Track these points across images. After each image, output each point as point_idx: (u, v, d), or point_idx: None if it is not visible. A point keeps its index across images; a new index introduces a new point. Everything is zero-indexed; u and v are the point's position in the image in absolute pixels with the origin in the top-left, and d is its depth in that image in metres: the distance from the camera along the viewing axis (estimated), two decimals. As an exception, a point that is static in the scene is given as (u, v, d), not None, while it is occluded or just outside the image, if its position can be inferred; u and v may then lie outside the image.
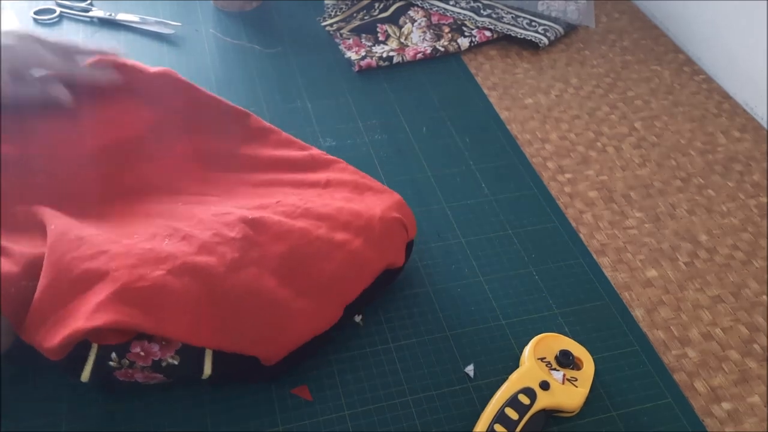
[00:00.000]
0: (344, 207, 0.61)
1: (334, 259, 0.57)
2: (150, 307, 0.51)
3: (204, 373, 0.53)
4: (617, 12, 1.05)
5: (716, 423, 0.57)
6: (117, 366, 0.51)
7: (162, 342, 0.51)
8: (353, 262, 0.58)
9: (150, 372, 0.52)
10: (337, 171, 0.67)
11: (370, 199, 0.63)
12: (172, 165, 0.67)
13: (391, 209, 0.62)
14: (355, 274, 0.58)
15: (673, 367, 0.60)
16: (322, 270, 0.57)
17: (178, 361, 0.52)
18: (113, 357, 0.51)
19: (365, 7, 0.98)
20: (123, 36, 0.91)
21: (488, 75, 0.91)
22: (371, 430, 0.54)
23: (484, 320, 0.62)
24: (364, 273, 0.58)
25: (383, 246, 0.60)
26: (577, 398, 0.55)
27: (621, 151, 0.81)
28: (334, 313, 0.56)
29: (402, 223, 0.61)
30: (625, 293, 0.66)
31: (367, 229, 0.59)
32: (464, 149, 0.79)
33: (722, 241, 0.72)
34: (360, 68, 0.89)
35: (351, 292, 0.58)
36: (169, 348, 0.52)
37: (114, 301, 0.50)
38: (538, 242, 0.69)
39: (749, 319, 0.65)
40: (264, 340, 0.53)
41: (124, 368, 0.51)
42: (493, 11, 0.98)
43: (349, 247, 0.58)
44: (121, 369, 0.51)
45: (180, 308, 0.51)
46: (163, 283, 0.51)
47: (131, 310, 0.50)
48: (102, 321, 0.49)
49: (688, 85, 0.92)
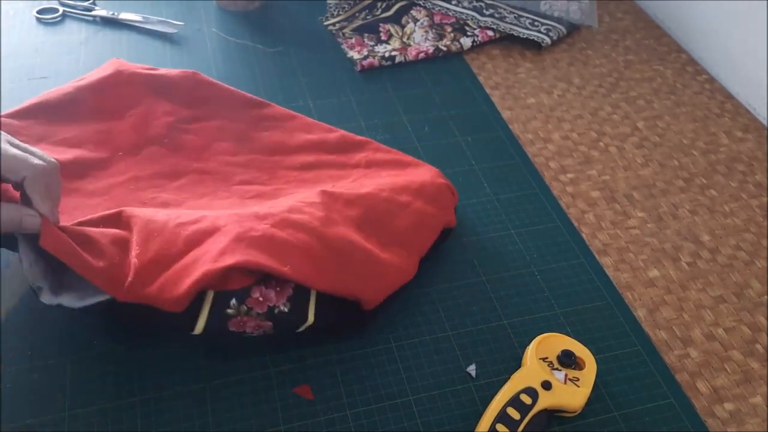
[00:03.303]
0: (395, 179, 0.66)
1: (404, 217, 0.62)
2: (269, 249, 0.53)
3: (307, 320, 0.54)
4: (620, 12, 1.05)
5: (718, 423, 0.57)
6: (234, 313, 0.52)
7: (277, 288, 0.53)
8: (420, 219, 0.63)
9: (262, 320, 0.53)
10: (373, 150, 0.72)
11: (413, 171, 0.68)
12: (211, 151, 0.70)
13: (437, 176, 0.68)
14: (424, 230, 0.63)
15: (675, 368, 0.60)
16: (396, 227, 0.61)
17: (288, 309, 0.53)
18: (232, 304, 0.52)
19: (367, 7, 0.98)
20: (126, 35, 0.91)
21: (491, 75, 0.91)
22: (372, 429, 0.54)
23: (485, 320, 0.62)
24: (429, 229, 0.64)
25: (440, 206, 0.65)
26: (579, 398, 0.55)
27: (623, 151, 0.81)
28: (414, 264, 0.61)
29: (449, 187, 0.68)
30: (628, 293, 0.66)
31: (423, 193, 0.65)
32: (466, 149, 0.79)
33: (725, 242, 0.72)
34: (362, 68, 0.89)
35: (423, 246, 0.63)
36: (283, 294, 0.53)
37: (238, 245, 0.52)
38: (540, 242, 0.69)
39: (752, 319, 0.65)
40: (366, 284, 0.56)
41: (240, 316, 0.52)
42: (495, 11, 0.98)
43: (413, 206, 0.63)
44: (236, 317, 0.52)
45: (294, 252, 0.54)
46: (272, 233, 0.54)
47: (255, 252, 0.52)
48: (233, 260, 0.51)
49: (691, 85, 0.92)
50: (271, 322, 0.53)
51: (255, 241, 0.53)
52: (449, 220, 0.66)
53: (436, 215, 0.64)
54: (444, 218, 0.65)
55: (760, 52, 0.86)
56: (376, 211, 0.62)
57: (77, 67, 0.85)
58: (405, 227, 0.62)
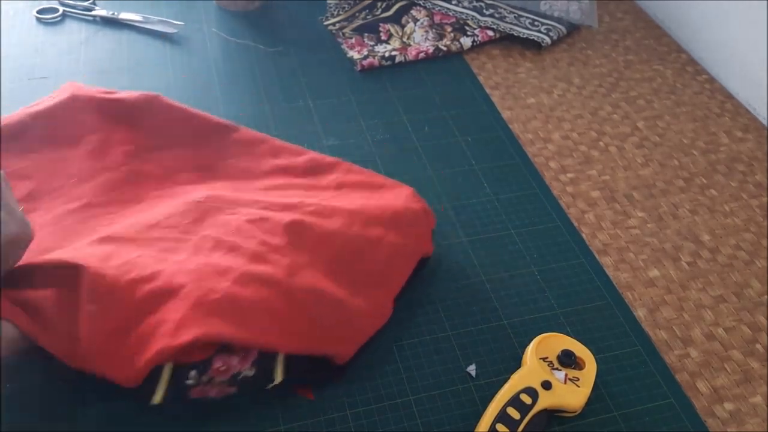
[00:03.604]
0: (366, 204, 0.62)
1: (377, 254, 0.59)
2: (231, 316, 0.50)
3: (275, 380, 0.52)
4: (620, 12, 1.05)
5: (718, 423, 0.57)
6: (194, 384, 0.50)
7: (241, 354, 0.50)
8: (394, 254, 0.60)
9: (226, 386, 0.51)
10: (344, 172, 0.68)
11: (386, 194, 0.65)
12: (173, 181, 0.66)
13: (411, 199, 0.64)
14: (397, 267, 0.60)
15: (676, 367, 0.60)
16: (369, 266, 0.58)
17: (254, 373, 0.51)
18: (192, 375, 0.49)
19: (367, 7, 0.98)
20: (126, 35, 0.91)
21: (491, 74, 0.91)
22: (372, 429, 0.54)
23: (485, 320, 0.62)
24: (403, 264, 0.61)
25: (415, 235, 0.62)
26: (579, 398, 0.55)
27: (623, 151, 0.81)
28: (387, 307, 0.59)
29: (425, 211, 0.64)
30: (628, 293, 0.66)
31: (396, 222, 0.61)
32: (466, 149, 0.79)
33: (725, 241, 0.72)
34: (362, 68, 0.89)
35: (396, 284, 0.60)
36: (247, 359, 0.51)
37: (196, 315, 0.49)
38: (540, 242, 0.69)
39: (752, 319, 0.65)
40: (337, 339, 0.54)
41: (201, 385, 0.50)
42: (495, 11, 0.98)
43: (386, 240, 0.59)
44: (197, 386, 0.50)
45: (257, 315, 0.51)
46: (234, 293, 0.51)
47: (216, 321, 0.49)
48: (190, 336, 0.47)
49: (691, 85, 0.92)
50: (236, 387, 0.51)
51: (215, 306, 0.50)
52: (426, 249, 0.62)
53: (411, 247, 0.61)
54: (420, 248, 0.62)
55: (760, 52, 0.86)
56: (346, 253, 0.58)
57: (77, 67, 0.85)
58: (378, 266, 0.59)
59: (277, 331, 0.51)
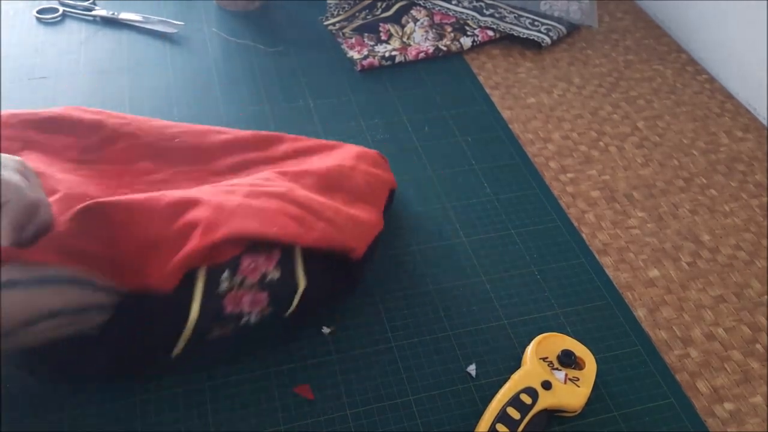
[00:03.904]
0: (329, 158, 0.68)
1: (356, 177, 0.65)
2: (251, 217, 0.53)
3: (299, 287, 0.55)
4: (620, 12, 1.05)
5: (718, 423, 0.57)
6: (227, 287, 0.51)
7: (265, 253, 0.53)
8: (371, 178, 0.66)
9: (257, 291, 0.53)
10: (292, 140, 0.71)
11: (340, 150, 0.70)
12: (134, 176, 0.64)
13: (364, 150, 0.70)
14: (376, 187, 0.66)
15: (676, 367, 0.60)
16: (353, 186, 0.64)
17: (279, 275, 0.54)
18: (225, 277, 0.51)
19: (367, 7, 0.98)
20: (126, 35, 0.91)
21: (491, 74, 0.91)
22: (373, 429, 0.54)
23: (485, 320, 0.62)
24: (380, 187, 0.67)
25: (381, 168, 0.69)
26: (579, 398, 0.55)
27: (623, 151, 0.81)
28: (379, 217, 0.64)
29: (379, 155, 0.71)
30: (628, 293, 0.66)
31: (362, 159, 0.68)
32: (466, 149, 0.79)
33: (725, 241, 0.72)
34: (362, 68, 0.89)
35: (380, 202, 0.65)
36: (272, 259, 0.53)
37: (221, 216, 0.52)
38: (540, 242, 0.69)
39: (752, 319, 0.65)
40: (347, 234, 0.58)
41: (234, 290, 0.52)
42: (495, 11, 0.98)
43: (360, 168, 0.66)
44: (231, 291, 0.52)
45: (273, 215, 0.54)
46: (247, 203, 0.55)
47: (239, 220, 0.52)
48: (219, 234, 0.50)
49: (691, 85, 0.92)
50: (266, 292, 0.53)
51: (233, 211, 0.53)
52: (391, 182, 0.69)
53: (381, 175, 0.67)
54: (388, 178, 0.68)
55: (760, 52, 0.86)
56: (330, 177, 0.63)
57: (77, 67, 0.85)
58: (360, 185, 0.64)
59: (293, 226, 0.55)
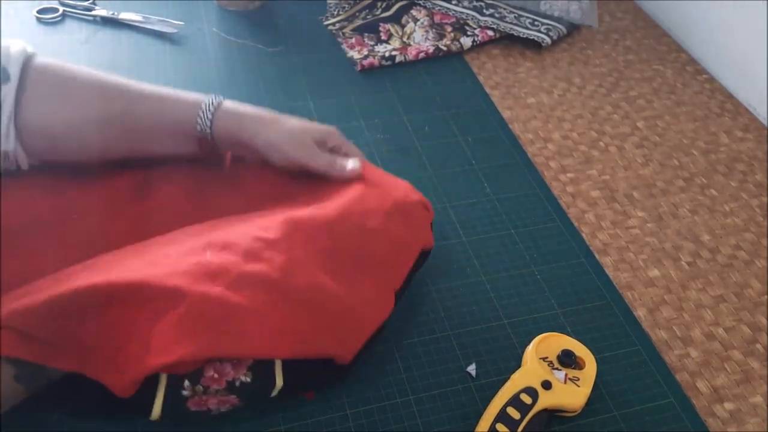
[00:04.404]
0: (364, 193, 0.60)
1: (376, 245, 0.57)
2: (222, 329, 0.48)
3: (276, 387, 0.50)
4: (620, 12, 1.05)
5: (718, 423, 0.57)
6: (190, 395, 0.48)
7: (234, 361, 0.49)
8: (393, 247, 0.58)
9: (224, 395, 0.49)
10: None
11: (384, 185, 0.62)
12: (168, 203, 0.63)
13: (409, 191, 0.62)
14: (397, 259, 0.58)
15: (676, 367, 0.60)
16: (369, 257, 0.56)
17: (251, 378, 0.49)
18: (186, 385, 0.48)
19: (368, 7, 0.98)
20: (126, 35, 0.91)
21: (491, 74, 0.91)
22: (373, 429, 0.54)
23: (486, 320, 0.62)
24: (404, 256, 0.58)
25: (414, 227, 0.60)
26: (579, 398, 0.55)
27: (623, 151, 0.81)
28: (389, 298, 0.56)
29: (423, 204, 0.62)
30: (628, 293, 0.66)
31: (394, 212, 0.59)
32: (466, 148, 0.79)
33: (725, 241, 0.72)
34: (362, 67, 0.89)
35: (398, 277, 0.57)
36: (241, 365, 0.49)
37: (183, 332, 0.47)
38: (540, 242, 0.69)
39: (752, 319, 0.65)
40: (338, 339, 0.52)
41: (197, 396, 0.48)
42: (495, 11, 0.98)
43: (384, 232, 0.57)
44: (194, 397, 0.48)
45: (251, 323, 0.49)
46: (226, 300, 0.48)
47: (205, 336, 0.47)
48: (176, 356, 0.46)
49: (691, 85, 0.92)
50: (234, 395, 0.49)
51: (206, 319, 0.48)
52: (426, 242, 0.61)
53: (410, 239, 0.59)
54: (420, 241, 0.60)
55: (760, 52, 0.86)
56: (345, 243, 0.56)
57: (77, 67, 0.85)
58: (377, 257, 0.56)
59: (271, 339, 0.49)
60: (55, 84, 0.56)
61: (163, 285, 0.49)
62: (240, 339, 0.48)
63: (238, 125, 0.60)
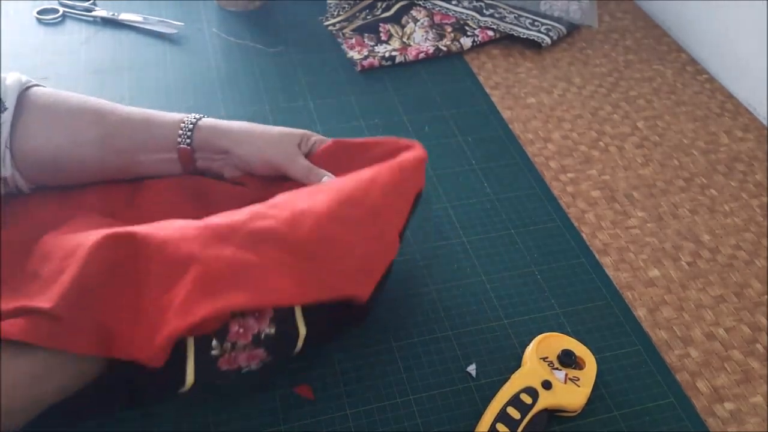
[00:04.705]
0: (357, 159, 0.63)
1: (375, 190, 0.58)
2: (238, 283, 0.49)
3: (300, 335, 0.52)
4: (620, 12, 1.05)
5: (719, 423, 0.57)
6: (219, 353, 0.49)
7: (255, 314, 0.50)
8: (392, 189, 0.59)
9: (252, 349, 0.50)
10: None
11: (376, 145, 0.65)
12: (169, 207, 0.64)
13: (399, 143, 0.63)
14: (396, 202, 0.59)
15: (676, 367, 0.60)
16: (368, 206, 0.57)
17: (275, 330, 0.50)
18: (214, 345, 0.49)
19: (368, 7, 0.98)
20: (126, 36, 0.91)
21: (491, 74, 0.91)
22: (373, 429, 0.54)
23: (486, 320, 0.62)
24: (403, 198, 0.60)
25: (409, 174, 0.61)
26: (579, 398, 0.55)
27: (623, 151, 0.81)
28: (394, 239, 0.58)
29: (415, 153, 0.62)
30: (628, 293, 0.66)
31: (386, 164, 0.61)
32: (466, 148, 0.79)
33: (725, 241, 0.72)
34: (362, 68, 0.89)
35: (399, 221, 0.59)
36: (263, 318, 0.50)
37: (202, 291, 0.48)
38: (540, 242, 0.69)
39: (752, 319, 0.65)
40: (352, 280, 0.53)
41: (226, 353, 0.49)
42: (495, 11, 0.98)
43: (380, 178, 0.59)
44: (223, 355, 0.49)
45: (265, 275, 0.50)
46: (240, 260, 0.50)
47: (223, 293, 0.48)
48: (199, 315, 0.47)
49: (691, 85, 0.92)
50: (263, 348, 0.50)
51: (221, 277, 0.49)
52: (420, 185, 0.62)
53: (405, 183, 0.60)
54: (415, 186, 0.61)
55: (760, 52, 0.86)
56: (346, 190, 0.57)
57: (77, 67, 0.85)
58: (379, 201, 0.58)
59: (287, 286, 0.50)
60: (46, 110, 0.59)
61: (175, 250, 0.50)
62: (258, 291, 0.49)
63: (219, 135, 0.62)
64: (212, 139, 0.62)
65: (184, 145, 0.62)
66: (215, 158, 0.63)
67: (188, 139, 0.62)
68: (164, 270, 0.49)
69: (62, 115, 0.59)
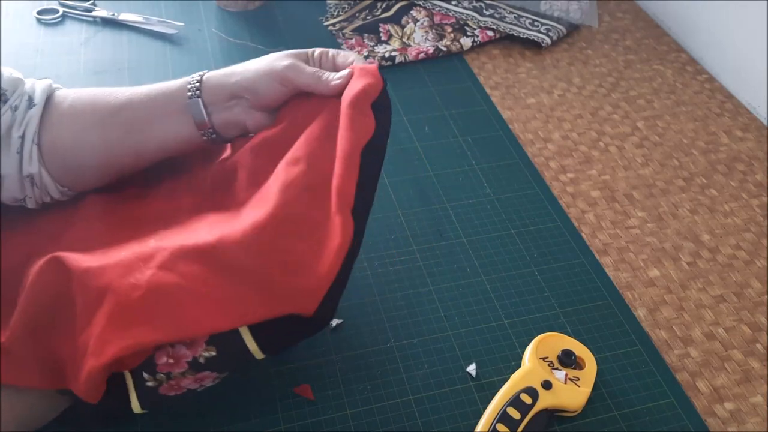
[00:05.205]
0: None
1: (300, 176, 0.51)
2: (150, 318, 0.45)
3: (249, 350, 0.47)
4: (620, 12, 1.05)
5: (719, 423, 0.57)
6: (155, 384, 0.47)
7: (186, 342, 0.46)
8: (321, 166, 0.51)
9: (193, 373, 0.46)
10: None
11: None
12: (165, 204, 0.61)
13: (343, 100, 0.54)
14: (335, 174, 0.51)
15: (676, 367, 0.60)
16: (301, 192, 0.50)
17: (216, 351, 0.46)
18: (146, 377, 0.46)
19: (368, 7, 0.98)
20: (126, 36, 0.91)
21: (491, 74, 0.91)
22: (373, 429, 0.54)
23: (486, 320, 0.62)
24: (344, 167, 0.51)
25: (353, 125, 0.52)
26: (579, 398, 0.55)
27: (623, 151, 0.81)
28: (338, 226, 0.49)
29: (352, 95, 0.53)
30: (628, 293, 0.66)
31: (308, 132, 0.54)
32: (466, 149, 0.79)
33: (725, 241, 0.72)
34: (362, 68, 0.88)
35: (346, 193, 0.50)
36: (197, 343, 0.46)
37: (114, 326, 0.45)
38: (540, 242, 0.69)
39: (752, 318, 0.65)
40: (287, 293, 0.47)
41: (164, 383, 0.47)
42: (495, 11, 0.98)
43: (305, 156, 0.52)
44: (161, 384, 0.47)
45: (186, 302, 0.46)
46: (157, 284, 0.46)
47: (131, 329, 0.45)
48: (109, 354, 0.44)
49: (691, 85, 0.92)
50: (208, 370, 0.47)
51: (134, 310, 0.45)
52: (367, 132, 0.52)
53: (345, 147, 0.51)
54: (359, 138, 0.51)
55: (760, 52, 0.86)
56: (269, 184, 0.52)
57: (77, 67, 0.85)
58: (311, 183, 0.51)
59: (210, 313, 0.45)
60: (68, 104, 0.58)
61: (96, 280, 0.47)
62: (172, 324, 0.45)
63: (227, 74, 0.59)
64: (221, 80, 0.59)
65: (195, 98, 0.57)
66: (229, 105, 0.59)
67: (197, 91, 0.58)
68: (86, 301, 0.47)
69: (81, 103, 0.58)
